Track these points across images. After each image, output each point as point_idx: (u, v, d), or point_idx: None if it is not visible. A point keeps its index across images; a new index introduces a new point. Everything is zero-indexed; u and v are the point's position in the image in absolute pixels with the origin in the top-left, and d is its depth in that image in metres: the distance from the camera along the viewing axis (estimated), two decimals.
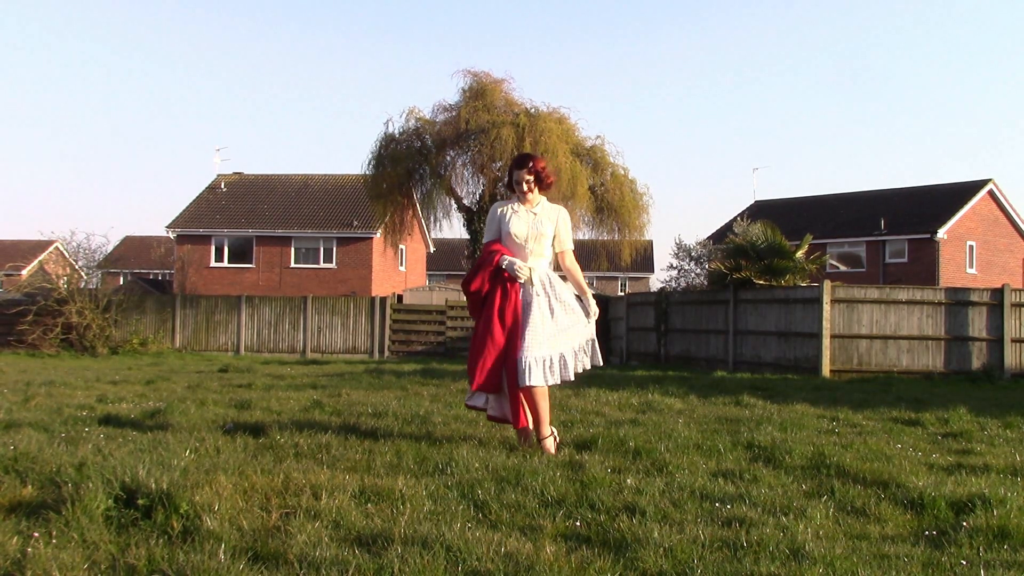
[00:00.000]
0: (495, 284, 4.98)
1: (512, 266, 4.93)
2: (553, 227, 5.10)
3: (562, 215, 5.18)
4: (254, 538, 3.05)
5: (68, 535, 3.01)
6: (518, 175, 5.04)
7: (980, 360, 15.44)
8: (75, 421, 6.06)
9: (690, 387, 10.16)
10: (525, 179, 5.03)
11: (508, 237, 5.04)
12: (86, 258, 24.35)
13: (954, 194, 34.17)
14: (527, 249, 5.01)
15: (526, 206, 5.08)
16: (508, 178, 5.20)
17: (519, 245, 5.02)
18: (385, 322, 23.57)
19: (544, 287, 4.98)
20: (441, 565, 2.79)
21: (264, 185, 37.96)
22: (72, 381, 10.62)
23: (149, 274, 46.15)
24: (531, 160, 5.09)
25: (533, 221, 5.03)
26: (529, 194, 5.07)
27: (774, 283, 17.16)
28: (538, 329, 4.87)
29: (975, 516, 3.56)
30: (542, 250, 5.05)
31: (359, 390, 9.04)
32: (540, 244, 5.03)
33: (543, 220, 5.05)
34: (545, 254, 5.09)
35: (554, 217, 5.12)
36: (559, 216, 5.15)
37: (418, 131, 23.54)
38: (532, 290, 4.95)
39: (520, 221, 5.02)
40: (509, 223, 5.03)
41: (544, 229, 5.03)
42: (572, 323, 5.02)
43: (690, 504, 3.71)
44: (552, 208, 5.16)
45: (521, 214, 5.05)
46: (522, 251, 5.02)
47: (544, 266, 5.08)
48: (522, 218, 5.03)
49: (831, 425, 6.70)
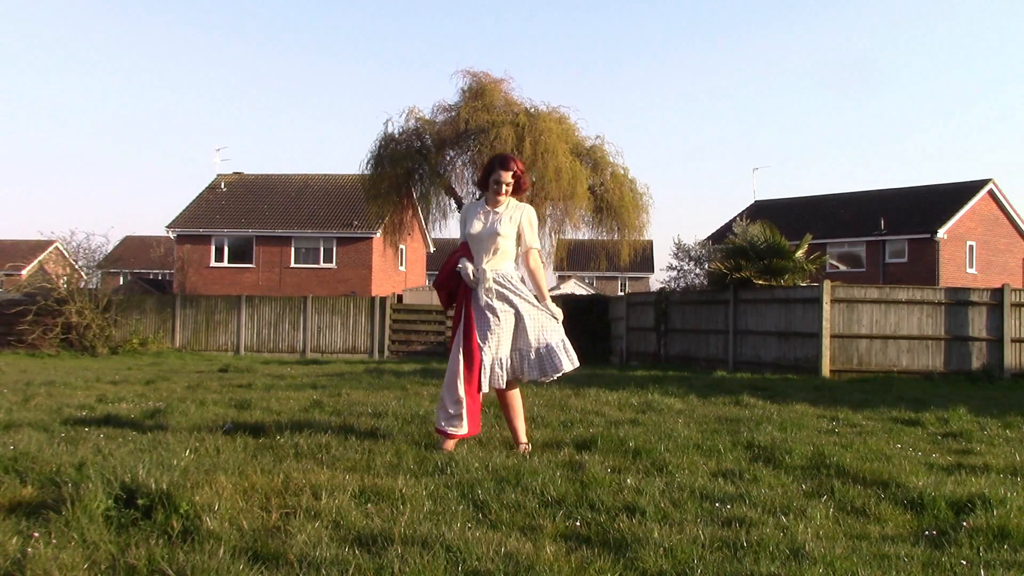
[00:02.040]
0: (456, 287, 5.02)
1: (464, 270, 4.92)
2: (515, 226, 5.00)
3: (527, 213, 5.07)
4: (254, 538, 3.05)
5: (68, 535, 3.01)
6: (501, 175, 4.95)
7: (980, 360, 15.44)
8: (75, 421, 6.05)
9: (690, 387, 10.16)
10: (507, 181, 4.95)
11: (469, 237, 5.01)
12: (86, 258, 24.34)
13: (954, 194, 34.17)
14: (485, 249, 4.95)
15: (489, 206, 5.01)
16: (484, 176, 5.07)
17: (477, 245, 4.98)
18: (385, 322, 23.57)
19: (500, 290, 4.90)
20: (441, 565, 2.79)
21: (264, 185, 37.96)
22: (72, 381, 10.61)
23: (149, 274, 46.16)
24: (515, 163, 5.02)
25: (492, 220, 4.95)
26: (502, 197, 4.99)
27: (774, 283, 17.16)
28: (487, 335, 4.83)
29: (975, 516, 3.56)
30: (502, 249, 4.97)
31: (359, 390, 9.03)
32: (499, 243, 4.94)
33: (504, 219, 4.96)
34: (505, 252, 4.99)
35: (517, 216, 5.02)
36: (523, 214, 5.04)
37: (418, 131, 23.52)
38: (483, 294, 4.89)
39: (479, 221, 4.97)
40: (471, 224, 4.99)
41: (503, 228, 4.94)
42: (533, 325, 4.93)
43: (690, 504, 3.71)
44: (517, 207, 5.06)
45: (482, 214, 4.99)
46: (480, 251, 4.97)
47: (505, 267, 4.99)
48: (481, 218, 4.98)
49: (831, 425, 6.70)
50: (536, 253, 5.12)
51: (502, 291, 4.92)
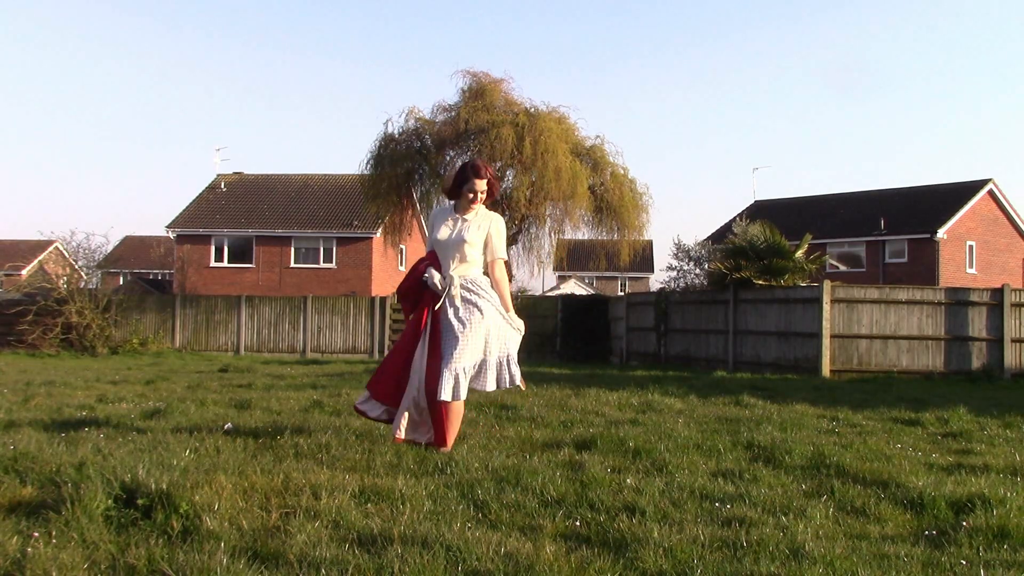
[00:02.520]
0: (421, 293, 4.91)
1: (430, 279, 4.83)
2: (483, 234, 4.90)
3: (495, 222, 4.96)
4: (254, 538, 3.05)
5: (68, 535, 3.00)
6: (476, 184, 4.83)
7: (980, 360, 15.44)
8: (75, 421, 6.05)
9: (690, 387, 10.16)
10: (481, 190, 4.85)
11: (436, 243, 4.93)
12: (86, 258, 24.35)
13: (954, 194, 34.16)
14: (451, 256, 4.87)
15: (459, 213, 4.92)
16: (455, 185, 4.90)
17: (444, 252, 4.90)
18: (385, 322, 23.56)
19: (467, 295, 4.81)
20: (441, 565, 2.79)
21: (264, 185, 37.96)
22: (72, 381, 10.61)
23: (149, 274, 46.14)
24: (487, 170, 4.90)
25: (459, 227, 4.86)
26: (474, 205, 4.89)
27: (774, 283, 17.16)
28: (451, 342, 4.71)
29: (975, 516, 3.56)
30: (469, 256, 4.87)
31: (359, 390, 9.01)
32: (465, 251, 4.85)
33: (472, 226, 4.87)
34: (472, 260, 4.90)
35: (486, 224, 4.91)
36: (491, 223, 4.93)
37: (417, 131, 23.52)
38: (447, 302, 4.80)
39: (447, 227, 4.89)
40: (438, 230, 4.92)
41: (470, 236, 4.84)
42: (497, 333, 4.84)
43: (690, 504, 3.71)
44: (486, 215, 4.95)
45: (450, 220, 4.91)
46: (446, 259, 4.89)
47: (472, 274, 4.90)
48: (450, 224, 4.90)
49: (831, 425, 6.70)
50: (502, 264, 5.02)
51: (469, 296, 4.82)
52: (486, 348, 4.81)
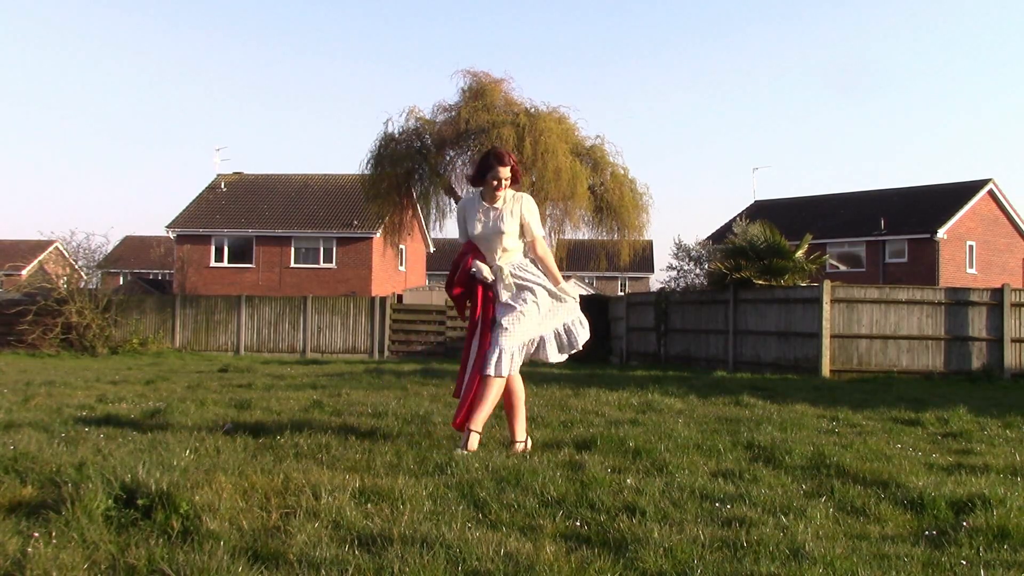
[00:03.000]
0: (472, 287, 5.00)
1: (479, 273, 4.92)
2: (517, 220, 4.97)
3: (525, 203, 5.01)
4: (254, 538, 3.05)
5: (68, 535, 3.00)
6: (500, 171, 4.90)
7: (980, 360, 15.44)
8: (75, 421, 6.05)
9: (690, 387, 10.16)
10: (505, 177, 4.92)
11: (474, 238, 5.01)
12: (86, 258, 24.36)
13: (954, 194, 34.18)
14: (492, 248, 4.96)
15: (487, 203, 4.99)
16: (478, 173, 5.01)
17: (485, 245, 4.99)
18: (385, 322, 23.57)
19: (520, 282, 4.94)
20: (441, 565, 2.79)
21: (264, 185, 37.97)
22: (72, 381, 10.61)
23: (149, 274, 46.16)
24: (510, 156, 5.00)
25: (493, 217, 4.93)
26: (499, 192, 4.97)
27: (774, 283, 17.17)
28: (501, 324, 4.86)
29: (975, 516, 3.56)
30: (510, 244, 4.97)
31: (359, 390, 9.04)
32: (505, 240, 4.94)
33: (504, 214, 4.93)
34: (513, 247, 4.99)
35: (517, 209, 4.97)
36: (523, 206, 4.99)
37: (418, 131, 23.54)
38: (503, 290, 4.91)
39: (480, 221, 4.96)
40: (472, 225, 4.99)
41: (506, 226, 4.92)
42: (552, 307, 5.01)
43: (690, 504, 3.71)
44: (515, 198, 5.02)
45: (481, 212, 4.97)
46: (489, 250, 4.98)
47: (517, 259, 5.01)
48: (482, 217, 4.96)
49: (831, 425, 6.70)
50: (542, 240, 5.12)
51: (522, 283, 4.95)
52: (541, 326, 4.96)
